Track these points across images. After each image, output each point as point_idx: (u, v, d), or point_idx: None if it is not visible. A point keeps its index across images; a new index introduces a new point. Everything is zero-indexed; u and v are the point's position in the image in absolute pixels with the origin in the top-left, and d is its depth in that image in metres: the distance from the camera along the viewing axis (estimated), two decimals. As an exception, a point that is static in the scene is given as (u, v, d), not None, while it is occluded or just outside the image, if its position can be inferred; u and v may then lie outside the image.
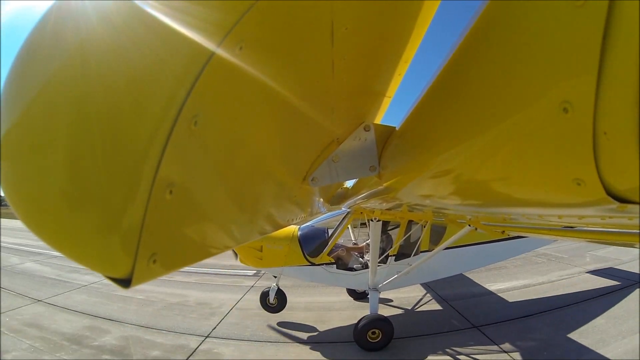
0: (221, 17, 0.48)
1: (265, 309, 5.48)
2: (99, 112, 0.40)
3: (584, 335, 4.54)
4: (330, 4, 0.68)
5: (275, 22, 0.59)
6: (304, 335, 4.87)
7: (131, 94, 0.41)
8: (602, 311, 5.28)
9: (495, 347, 4.39)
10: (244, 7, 0.50)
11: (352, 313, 5.56)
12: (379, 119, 1.50)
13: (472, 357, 4.17)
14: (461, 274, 6.51)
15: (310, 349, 4.47)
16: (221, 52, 0.49)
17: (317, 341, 4.71)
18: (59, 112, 0.38)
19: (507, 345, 4.42)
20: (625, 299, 5.76)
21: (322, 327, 5.14)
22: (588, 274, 7.47)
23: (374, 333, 4.33)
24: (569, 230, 1.73)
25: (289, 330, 5.04)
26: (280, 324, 5.24)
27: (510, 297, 6.24)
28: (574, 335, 4.57)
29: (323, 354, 4.32)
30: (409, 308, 6.01)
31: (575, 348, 4.26)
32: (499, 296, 6.35)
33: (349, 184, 3.08)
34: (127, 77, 0.41)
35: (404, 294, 6.44)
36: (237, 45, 0.52)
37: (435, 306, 6.10)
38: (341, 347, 4.52)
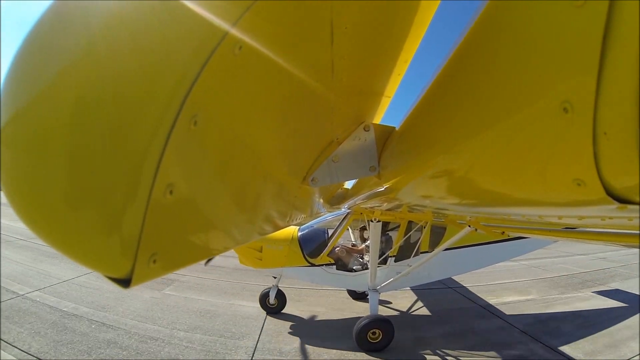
0: (220, 16, 0.48)
1: (265, 310, 5.49)
2: (98, 111, 0.40)
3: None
4: (330, 4, 0.68)
5: (275, 22, 0.59)
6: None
7: (130, 94, 0.41)
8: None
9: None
10: (243, 7, 0.50)
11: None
12: (378, 119, 1.50)
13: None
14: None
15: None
16: (220, 52, 0.49)
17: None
18: (58, 111, 0.38)
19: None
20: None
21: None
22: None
23: (374, 333, 4.33)
24: (569, 231, 1.73)
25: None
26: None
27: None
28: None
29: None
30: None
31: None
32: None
33: (348, 184, 3.07)
34: (126, 77, 0.41)
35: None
36: (236, 45, 0.52)
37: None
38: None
